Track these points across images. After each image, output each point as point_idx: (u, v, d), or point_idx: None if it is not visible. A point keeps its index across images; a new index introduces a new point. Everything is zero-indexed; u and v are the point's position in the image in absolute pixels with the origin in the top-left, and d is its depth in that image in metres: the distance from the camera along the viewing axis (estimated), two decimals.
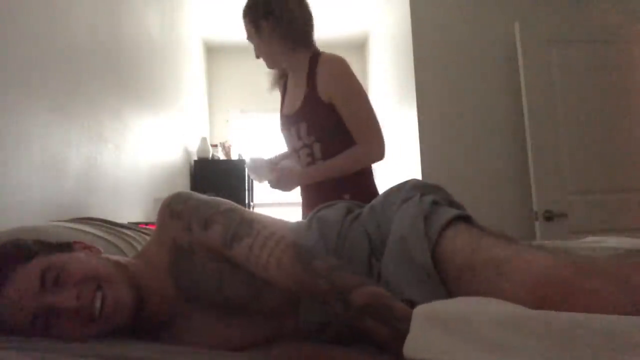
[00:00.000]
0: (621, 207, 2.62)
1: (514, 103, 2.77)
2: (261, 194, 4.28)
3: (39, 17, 1.41)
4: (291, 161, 1.75)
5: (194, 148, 3.72)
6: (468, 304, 0.58)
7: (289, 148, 1.73)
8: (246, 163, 1.78)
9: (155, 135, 2.66)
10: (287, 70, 1.72)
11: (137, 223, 1.77)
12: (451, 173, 2.77)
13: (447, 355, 0.52)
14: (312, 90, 1.58)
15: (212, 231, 0.83)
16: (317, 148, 1.60)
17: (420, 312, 0.60)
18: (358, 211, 0.97)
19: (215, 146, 4.00)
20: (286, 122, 1.70)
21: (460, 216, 0.81)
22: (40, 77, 1.41)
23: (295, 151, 1.68)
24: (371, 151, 1.58)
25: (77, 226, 1.16)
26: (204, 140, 3.72)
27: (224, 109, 4.67)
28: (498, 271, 0.67)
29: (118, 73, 2.10)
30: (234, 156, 4.05)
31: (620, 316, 0.50)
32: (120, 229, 1.26)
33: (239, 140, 4.60)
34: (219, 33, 4.35)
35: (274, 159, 1.83)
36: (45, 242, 0.81)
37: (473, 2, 2.92)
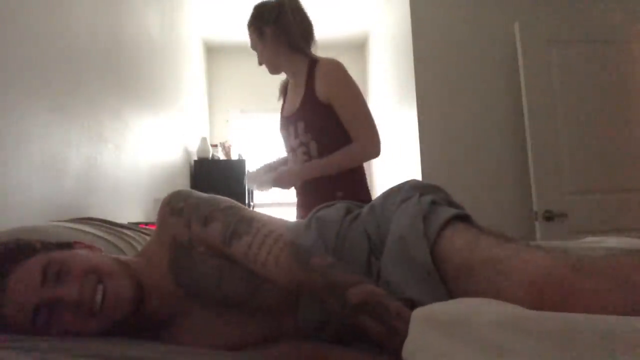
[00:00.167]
0: (621, 207, 2.62)
1: (514, 103, 2.77)
2: (261, 194, 4.28)
3: (39, 17, 1.42)
4: (288, 166, 1.81)
5: (194, 148, 3.72)
6: (467, 306, 0.58)
7: (287, 147, 1.80)
8: (246, 176, 1.84)
9: (155, 135, 2.66)
10: (288, 75, 1.81)
11: (137, 223, 1.77)
12: (451, 173, 2.77)
13: (446, 357, 0.52)
14: (311, 91, 1.65)
15: (212, 228, 0.84)
16: (314, 146, 1.67)
17: (418, 315, 0.59)
18: (357, 211, 0.97)
19: (215, 146, 4.00)
20: (285, 123, 1.78)
21: (459, 216, 0.81)
22: (40, 77, 1.41)
23: (292, 150, 1.75)
24: (367, 148, 1.64)
25: (77, 226, 1.16)
26: (204, 140, 3.72)
27: (224, 109, 4.67)
28: (497, 271, 0.67)
29: (118, 73, 2.10)
30: (234, 156, 4.05)
31: (619, 316, 0.50)
32: (120, 229, 1.27)
33: (239, 140, 4.60)
34: (219, 33, 4.35)
35: (272, 164, 1.88)
36: (46, 242, 0.81)
37: (473, 2, 2.92)
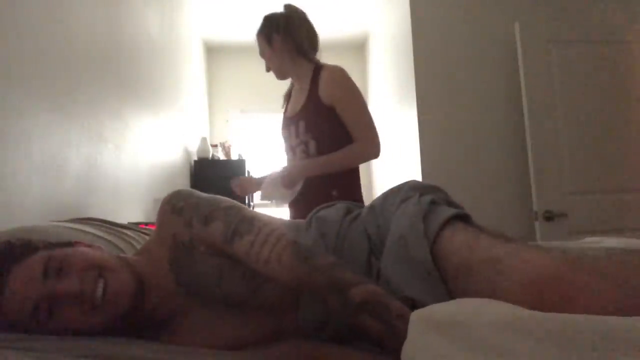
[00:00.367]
0: (621, 207, 2.62)
1: (514, 103, 2.77)
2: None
3: (39, 18, 1.42)
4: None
5: (194, 148, 3.72)
6: (466, 306, 0.58)
7: (286, 147, 1.86)
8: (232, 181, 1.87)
9: (155, 135, 2.66)
10: (293, 79, 1.88)
11: (137, 223, 1.77)
12: (451, 173, 2.77)
13: (446, 359, 0.52)
14: (314, 93, 1.73)
15: (213, 228, 0.84)
16: (312, 145, 1.73)
17: (418, 316, 0.59)
18: (357, 212, 0.97)
19: (215, 146, 4.00)
20: (287, 123, 1.84)
21: (458, 215, 0.81)
22: (40, 77, 1.41)
23: (291, 149, 1.81)
24: (368, 149, 1.71)
25: (77, 226, 1.16)
26: (204, 140, 3.72)
27: (224, 109, 4.67)
28: (496, 270, 0.67)
29: (118, 73, 2.10)
30: (234, 156, 4.05)
31: (620, 317, 0.50)
32: (120, 229, 1.27)
33: (239, 140, 4.60)
34: (219, 33, 4.34)
35: (258, 179, 1.93)
36: (47, 242, 0.82)
37: (473, 2, 2.92)
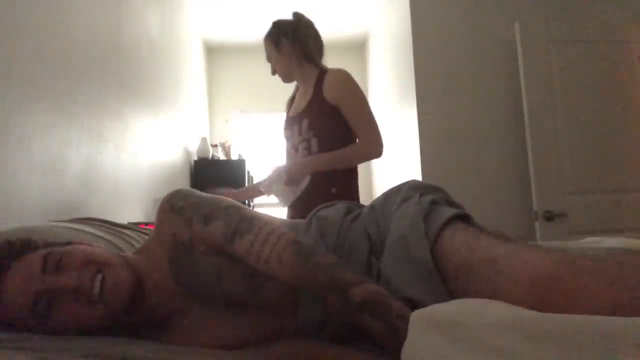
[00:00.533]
0: (621, 207, 2.62)
1: (514, 103, 2.77)
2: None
3: (39, 18, 1.42)
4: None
5: (194, 148, 3.72)
6: (466, 307, 0.58)
7: (289, 146, 1.89)
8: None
9: (155, 135, 2.66)
10: (298, 82, 1.93)
11: (137, 223, 1.77)
12: (451, 173, 2.77)
13: (446, 359, 0.52)
14: (319, 93, 1.78)
15: (213, 227, 0.84)
16: (315, 143, 1.77)
17: (418, 316, 0.59)
18: (358, 211, 0.97)
19: (215, 146, 4.00)
20: (290, 122, 1.89)
21: (459, 215, 0.81)
22: (40, 78, 1.41)
23: (294, 147, 1.84)
24: (371, 148, 1.76)
25: (77, 226, 1.16)
26: (204, 140, 3.72)
27: (224, 109, 4.67)
28: (496, 270, 0.67)
29: (118, 73, 2.10)
30: (234, 156, 4.05)
31: (620, 317, 0.50)
32: (120, 229, 1.27)
33: (239, 140, 4.60)
34: (219, 33, 4.34)
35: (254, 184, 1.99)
36: (46, 241, 0.83)
37: (473, 2, 2.92)
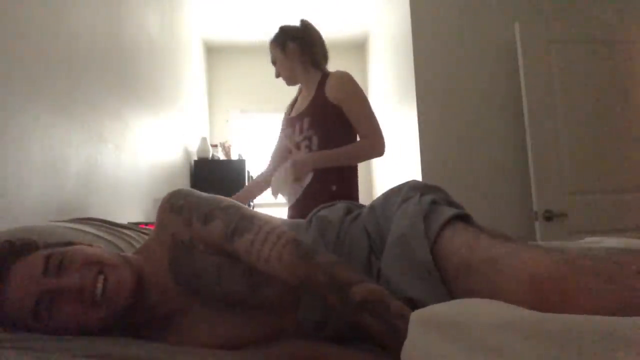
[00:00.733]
0: (621, 207, 2.62)
1: (514, 103, 2.77)
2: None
3: (40, 18, 1.42)
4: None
5: (194, 148, 3.72)
6: (466, 307, 0.58)
7: (290, 144, 1.91)
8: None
9: (155, 135, 2.66)
10: (302, 85, 1.96)
11: (137, 223, 1.77)
12: (451, 173, 2.77)
13: (446, 359, 0.52)
14: (321, 93, 1.82)
15: (213, 226, 0.84)
16: (315, 141, 1.81)
17: (418, 316, 0.59)
18: (357, 211, 0.97)
19: (215, 146, 4.00)
20: (291, 121, 1.92)
21: (459, 215, 0.81)
22: (40, 78, 1.41)
23: (296, 145, 1.87)
24: (374, 146, 1.80)
25: (77, 226, 1.16)
26: (204, 140, 3.72)
27: (224, 109, 4.66)
28: (496, 270, 0.67)
29: (118, 73, 2.10)
30: (234, 156, 4.05)
31: (619, 317, 0.50)
32: (120, 229, 1.27)
33: (239, 140, 4.60)
34: (219, 33, 4.34)
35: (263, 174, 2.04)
36: (47, 242, 0.83)
37: (473, 2, 2.91)
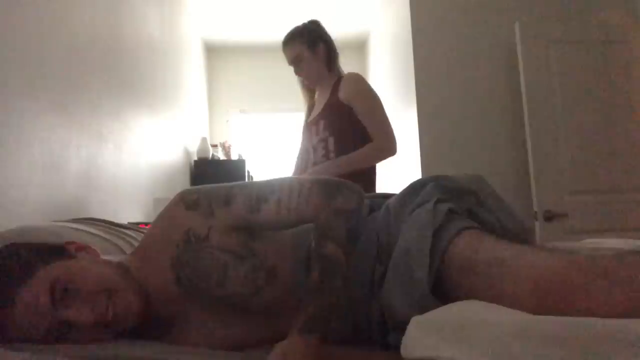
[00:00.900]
0: (621, 207, 2.61)
1: (514, 103, 2.77)
2: None
3: (40, 18, 1.41)
4: (306, 164, 2.01)
5: (194, 148, 3.72)
6: (467, 310, 0.58)
7: (308, 147, 1.99)
8: None
9: (155, 135, 2.66)
10: (318, 89, 2.04)
11: (137, 223, 1.77)
12: (451, 173, 2.76)
13: (446, 353, 0.52)
14: (335, 95, 1.92)
15: (235, 203, 0.85)
16: (331, 142, 1.89)
17: (418, 319, 0.60)
18: (374, 214, 0.96)
19: (215, 146, 4.00)
20: (309, 125, 2.01)
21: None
22: (40, 78, 1.41)
23: (313, 148, 1.94)
24: (386, 147, 1.88)
25: (78, 226, 1.16)
26: (204, 140, 3.72)
27: (224, 109, 4.66)
28: (500, 271, 0.67)
29: (118, 73, 2.10)
30: (234, 156, 4.05)
31: (622, 319, 0.50)
32: (120, 229, 1.26)
33: (239, 140, 4.59)
34: (219, 33, 4.34)
35: None
36: (39, 249, 0.77)
37: (473, 2, 2.91)
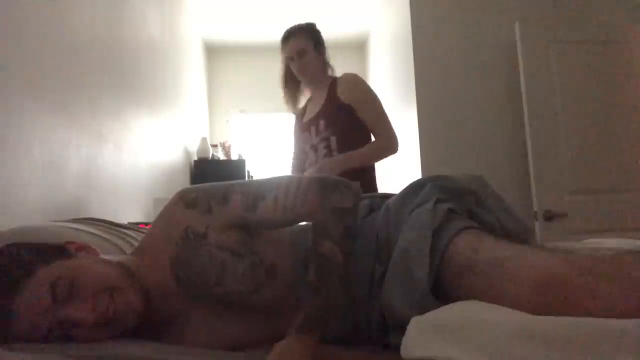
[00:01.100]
0: (621, 207, 2.61)
1: (514, 103, 2.77)
2: None
3: (40, 18, 1.41)
4: (306, 164, 1.98)
5: (194, 148, 3.72)
6: (466, 310, 0.58)
7: (306, 147, 1.98)
8: None
9: (155, 135, 2.66)
10: (314, 90, 2.03)
11: (137, 223, 1.77)
12: (451, 173, 2.76)
13: (446, 353, 0.52)
14: (333, 94, 1.91)
15: (233, 201, 0.86)
16: (334, 141, 1.88)
17: (417, 319, 0.60)
18: (374, 213, 0.96)
19: (215, 146, 4.00)
20: (306, 125, 1.99)
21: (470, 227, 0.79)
22: (40, 78, 1.41)
23: (313, 147, 1.93)
24: (388, 146, 1.90)
25: (78, 226, 1.16)
26: (204, 140, 3.72)
27: (224, 109, 4.66)
28: (500, 271, 0.67)
29: (118, 73, 2.10)
30: (234, 156, 4.05)
31: (622, 319, 0.50)
32: (120, 229, 1.26)
33: (239, 140, 4.60)
34: (219, 33, 4.34)
35: None
36: (39, 249, 0.77)
37: (473, 2, 2.91)
